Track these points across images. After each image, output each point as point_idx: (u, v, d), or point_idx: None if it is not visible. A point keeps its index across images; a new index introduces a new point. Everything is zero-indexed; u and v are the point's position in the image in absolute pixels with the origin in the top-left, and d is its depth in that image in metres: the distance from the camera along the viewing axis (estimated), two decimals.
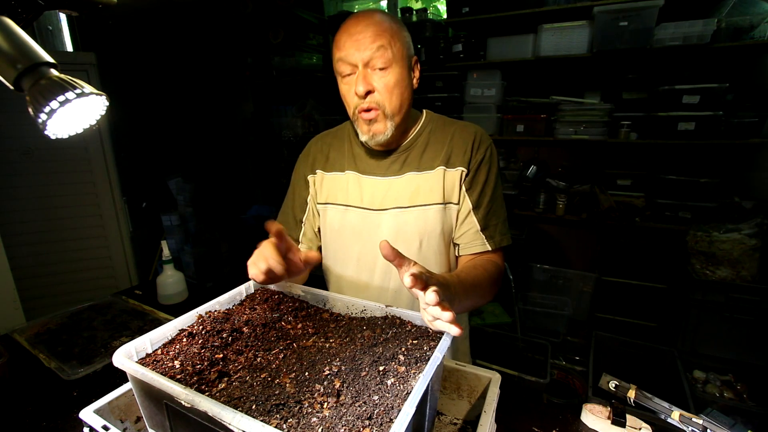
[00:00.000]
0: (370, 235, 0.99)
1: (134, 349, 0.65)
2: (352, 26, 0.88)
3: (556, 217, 2.50)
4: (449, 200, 0.96)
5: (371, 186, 0.99)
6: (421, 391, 0.51)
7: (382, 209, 0.97)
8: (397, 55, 0.87)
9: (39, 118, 0.60)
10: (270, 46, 3.05)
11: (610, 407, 0.84)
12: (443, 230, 0.96)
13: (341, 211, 1.02)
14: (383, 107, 0.89)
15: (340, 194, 1.02)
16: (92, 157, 2.56)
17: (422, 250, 0.97)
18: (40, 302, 2.42)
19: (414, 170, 0.97)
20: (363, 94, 0.87)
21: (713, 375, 1.87)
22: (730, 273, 1.87)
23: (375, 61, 0.86)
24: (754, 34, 1.94)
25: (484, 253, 0.96)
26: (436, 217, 0.95)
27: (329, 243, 1.07)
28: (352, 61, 0.87)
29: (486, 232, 0.95)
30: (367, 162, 1.01)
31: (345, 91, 0.92)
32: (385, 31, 0.86)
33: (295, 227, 1.09)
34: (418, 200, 0.96)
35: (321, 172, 1.06)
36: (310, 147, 1.11)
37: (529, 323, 2.43)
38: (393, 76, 0.88)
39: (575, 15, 2.21)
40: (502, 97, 2.56)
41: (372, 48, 0.85)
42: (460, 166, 0.95)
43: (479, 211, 0.95)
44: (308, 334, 0.72)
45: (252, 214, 3.29)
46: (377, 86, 0.88)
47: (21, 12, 0.67)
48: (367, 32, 0.85)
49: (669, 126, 2.13)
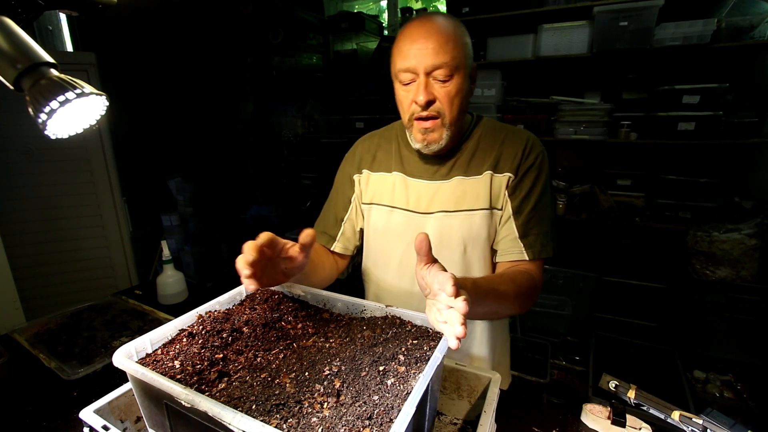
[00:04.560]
0: (414, 238, 0.98)
1: (134, 349, 0.65)
2: (415, 32, 0.84)
3: (556, 217, 2.50)
4: (495, 206, 0.94)
5: (418, 188, 0.98)
6: (421, 391, 0.51)
7: (428, 212, 0.96)
8: (460, 65, 0.84)
9: (39, 118, 0.60)
10: (270, 46, 3.04)
11: (610, 407, 0.84)
12: (488, 236, 0.94)
13: (386, 212, 1.01)
14: (443, 116, 0.87)
15: (385, 195, 1.01)
16: (92, 157, 2.56)
17: (466, 256, 0.95)
18: (40, 302, 2.42)
19: (461, 174, 0.95)
20: (424, 103, 0.85)
21: (713, 375, 1.87)
22: (730, 273, 1.87)
23: (438, 71, 0.83)
24: (754, 34, 1.94)
25: (520, 262, 0.93)
26: (482, 222, 0.93)
27: (372, 244, 1.06)
28: (413, 69, 0.84)
29: (525, 240, 0.92)
30: (414, 164, 1.00)
31: (402, 97, 0.89)
32: (450, 40, 0.83)
33: (335, 225, 1.08)
34: (464, 205, 0.94)
35: (367, 172, 1.05)
36: (357, 147, 1.10)
37: (529, 323, 2.43)
38: (455, 86, 0.85)
39: (575, 15, 2.21)
40: (502, 97, 2.56)
41: (436, 57, 0.82)
42: (508, 171, 0.93)
43: (519, 217, 0.92)
44: (308, 334, 0.72)
45: (252, 214, 3.28)
46: (438, 95, 0.85)
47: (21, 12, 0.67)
48: (431, 40, 0.82)
49: (669, 126, 2.13)
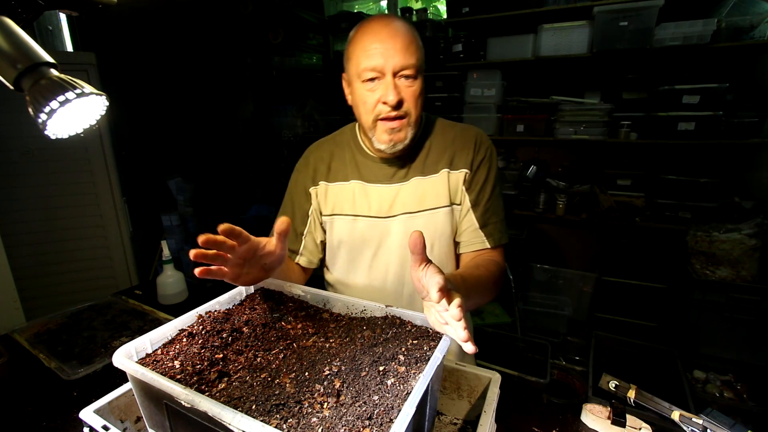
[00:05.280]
0: (381, 243, 0.99)
1: (134, 349, 0.65)
2: (382, 31, 0.85)
3: (556, 217, 2.50)
4: (455, 202, 0.97)
5: (378, 194, 0.99)
6: (421, 391, 0.51)
7: (391, 216, 0.97)
8: (422, 66, 0.88)
9: (39, 118, 0.60)
10: (270, 46, 3.05)
11: (610, 407, 0.84)
12: (452, 232, 0.97)
13: (350, 221, 1.00)
14: (409, 116, 0.89)
15: (346, 204, 1.01)
16: (92, 157, 2.56)
17: (434, 254, 0.98)
18: (40, 302, 2.42)
19: (419, 175, 0.97)
20: (395, 103, 0.85)
21: (713, 375, 1.87)
22: (730, 273, 1.87)
23: (405, 71, 0.85)
24: (754, 34, 1.94)
25: (483, 251, 0.97)
26: (445, 219, 0.96)
27: (338, 255, 1.05)
28: (380, 68, 0.85)
29: (485, 230, 0.96)
30: (371, 170, 1.00)
31: (366, 97, 0.88)
32: (414, 40, 0.86)
33: (295, 240, 1.05)
34: (426, 204, 0.96)
35: (324, 183, 1.02)
36: (309, 156, 1.07)
37: (529, 323, 2.43)
38: (420, 86, 0.88)
39: (575, 15, 2.21)
40: (502, 97, 2.56)
41: (404, 57, 0.84)
42: (463, 167, 0.96)
43: (478, 208, 0.97)
44: (308, 334, 0.72)
45: (252, 214, 3.28)
46: (405, 95, 0.87)
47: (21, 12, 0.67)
48: (398, 40, 0.84)
49: (669, 126, 2.13)
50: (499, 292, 0.93)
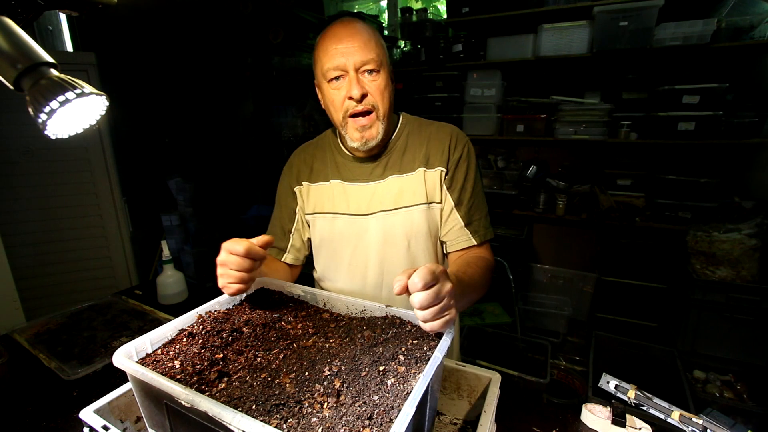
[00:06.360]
0: (360, 240, 1.02)
1: (134, 349, 0.65)
2: (340, 32, 0.89)
3: (556, 217, 2.50)
4: (432, 200, 0.99)
5: (356, 192, 1.01)
6: (421, 391, 0.51)
7: (369, 213, 1.00)
8: (383, 61, 0.91)
9: (39, 118, 0.60)
10: (270, 46, 3.05)
11: (610, 407, 0.84)
12: (429, 229, 0.99)
13: (329, 219, 1.04)
14: (377, 109, 0.92)
15: (327, 203, 1.04)
16: (92, 157, 2.56)
17: (411, 251, 1.00)
18: (40, 302, 2.41)
19: (396, 173, 1.00)
20: (359, 96, 0.88)
21: (713, 375, 1.87)
22: (730, 273, 1.87)
23: (367, 65, 0.89)
24: (754, 34, 1.94)
25: (471, 248, 0.99)
26: (422, 217, 0.98)
27: (320, 252, 1.09)
28: (342, 66, 0.88)
29: (470, 227, 0.98)
30: (350, 169, 1.03)
31: (333, 96, 0.92)
32: (372, 37, 0.90)
33: (283, 237, 1.10)
34: (402, 202, 0.98)
35: (307, 184, 1.08)
36: (293, 160, 1.12)
37: (529, 323, 2.43)
38: (383, 80, 0.91)
39: (575, 15, 2.21)
40: (502, 97, 2.56)
41: (363, 53, 0.88)
42: (439, 166, 0.98)
43: (461, 207, 0.98)
44: (308, 334, 0.72)
45: (252, 214, 3.28)
46: (370, 89, 0.90)
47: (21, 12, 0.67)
48: (356, 38, 0.88)
49: (669, 126, 2.13)
50: (496, 291, 0.96)
